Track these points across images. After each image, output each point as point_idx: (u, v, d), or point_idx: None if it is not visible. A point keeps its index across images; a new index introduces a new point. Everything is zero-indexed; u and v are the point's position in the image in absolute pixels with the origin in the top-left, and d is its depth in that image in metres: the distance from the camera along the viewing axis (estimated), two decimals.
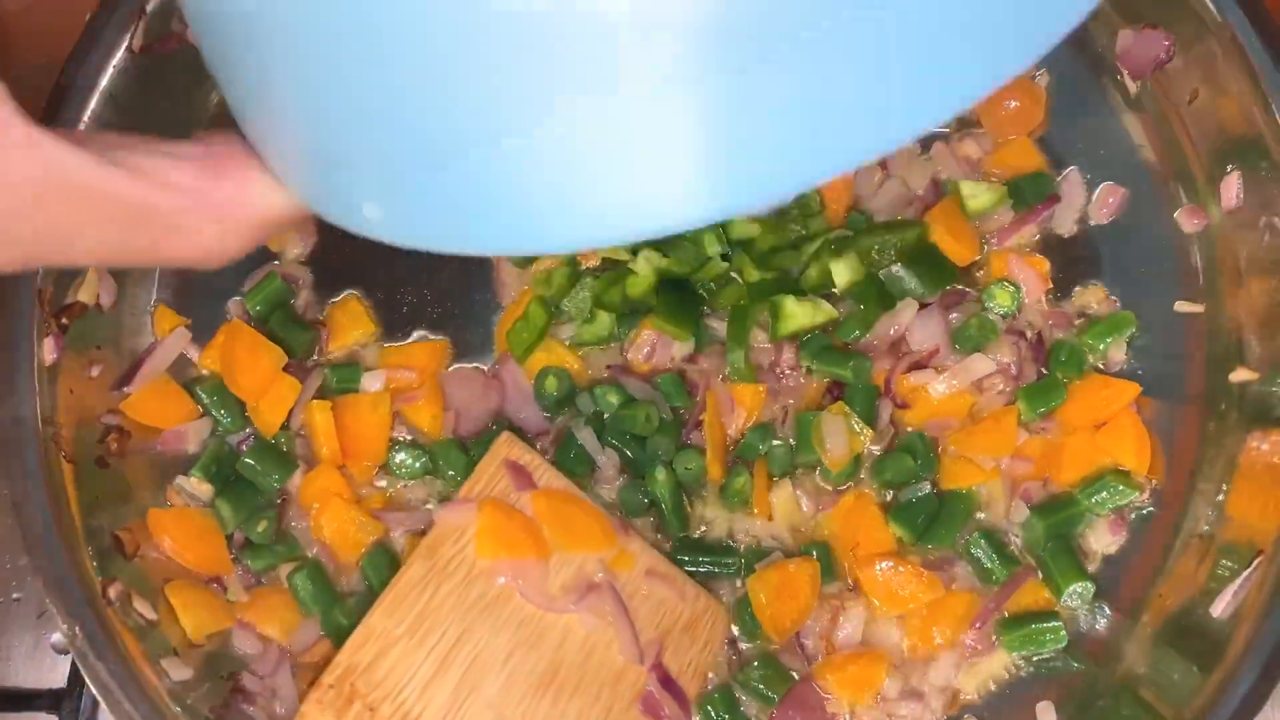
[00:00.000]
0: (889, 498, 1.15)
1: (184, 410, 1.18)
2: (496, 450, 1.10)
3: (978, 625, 1.13)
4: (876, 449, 1.16)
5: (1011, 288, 1.16)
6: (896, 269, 1.15)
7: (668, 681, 1.05)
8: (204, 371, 1.19)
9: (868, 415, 1.14)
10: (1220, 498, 1.13)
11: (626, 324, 1.17)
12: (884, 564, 1.11)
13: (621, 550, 1.08)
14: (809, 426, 1.14)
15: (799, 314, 1.14)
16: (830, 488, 1.15)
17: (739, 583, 1.14)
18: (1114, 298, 1.19)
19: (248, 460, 1.15)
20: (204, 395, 1.18)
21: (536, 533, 1.04)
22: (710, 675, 1.11)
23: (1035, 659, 1.13)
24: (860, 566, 1.12)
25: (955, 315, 1.16)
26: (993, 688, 1.14)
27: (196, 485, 1.16)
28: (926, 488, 1.14)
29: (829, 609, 1.13)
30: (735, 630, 1.14)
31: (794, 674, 1.13)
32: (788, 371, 1.17)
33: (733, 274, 1.17)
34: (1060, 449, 1.14)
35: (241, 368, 1.15)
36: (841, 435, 1.12)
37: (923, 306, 1.16)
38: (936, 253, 1.16)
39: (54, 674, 1.21)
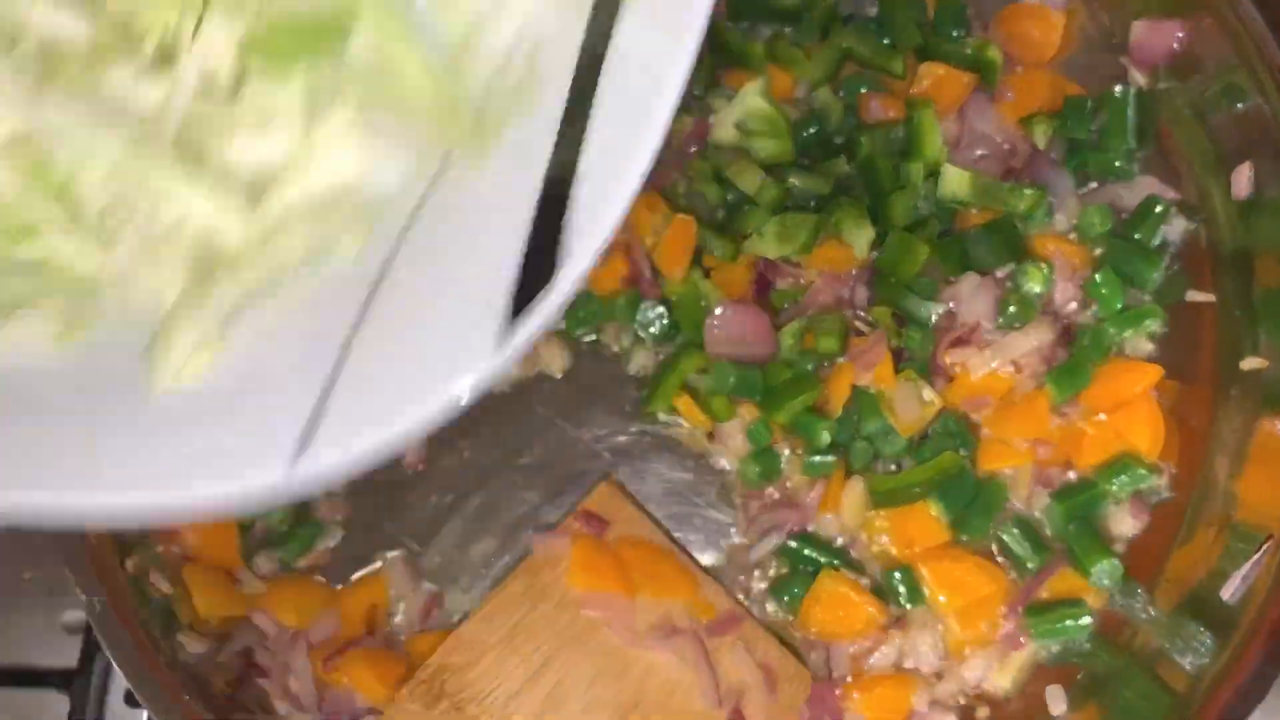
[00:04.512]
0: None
1: None
2: (593, 497, 1.15)
3: (1011, 616, 1.13)
4: None
5: (1045, 268, 1.17)
6: (978, 232, 1.17)
7: None
8: None
9: None
10: (1232, 481, 1.14)
11: None
12: (947, 559, 1.13)
13: (704, 600, 1.11)
14: (873, 398, 1.14)
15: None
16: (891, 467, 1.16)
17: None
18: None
19: None
20: None
21: (625, 572, 1.09)
22: None
23: (1062, 645, 1.14)
24: (924, 561, 1.13)
25: (998, 292, 1.18)
26: (1025, 674, 1.14)
27: None
28: (966, 466, 1.15)
29: (871, 640, 1.14)
30: (771, 595, 1.16)
31: (810, 663, 1.14)
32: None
33: None
34: (1081, 433, 1.15)
35: None
36: (913, 400, 1.13)
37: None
38: (1014, 225, 1.18)
39: (65, 653, 1.20)
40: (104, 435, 0.66)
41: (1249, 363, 1.15)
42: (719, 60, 1.25)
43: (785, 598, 1.14)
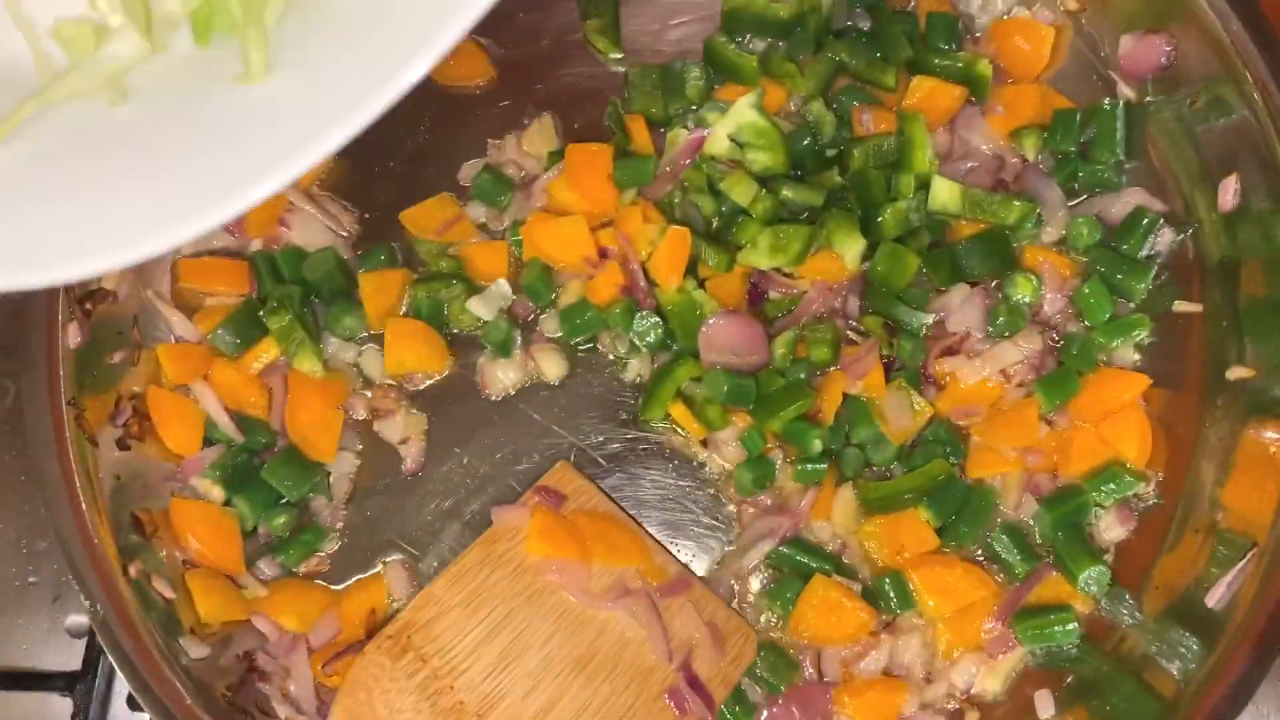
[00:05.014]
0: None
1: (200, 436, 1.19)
2: (551, 474, 1.19)
3: (1000, 621, 1.15)
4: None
5: (1035, 279, 1.19)
6: (968, 243, 1.20)
7: (695, 682, 1.12)
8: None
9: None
10: (1219, 489, 1.16)
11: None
12: (938, 565, 1.14)
13: (656, 565, 1.15)
14: (864, 405, 1.16)
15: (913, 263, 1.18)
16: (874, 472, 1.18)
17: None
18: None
19: (271, 469, 1.18)
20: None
21: (581, 540, 1.13)
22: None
23: (1049, 650, 1.15)
24: (914, 567, 1.15)
25: (988, 302, 1.20)
26: (1014, 679, 1.16)
27: (208, 488, 1.19)
28: (955, 473, 1.17)
29: (862, 645, 1.15)
30: (764, 601, 1.17)
31: (800, 665, 1.16)
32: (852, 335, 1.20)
33: None
34: (1069, 442, 1.17)
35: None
36: (905, 408, 1.15)
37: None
38: (1005, 237, 1.20)
39: (69, 656, 1.22)
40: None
41: (1235, 372, 1.17)
42: (714, 73, 1.27)
43: (778, 603, 1.16)
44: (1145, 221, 1.21)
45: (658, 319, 1.19)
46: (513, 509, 1.16)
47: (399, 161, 1.27)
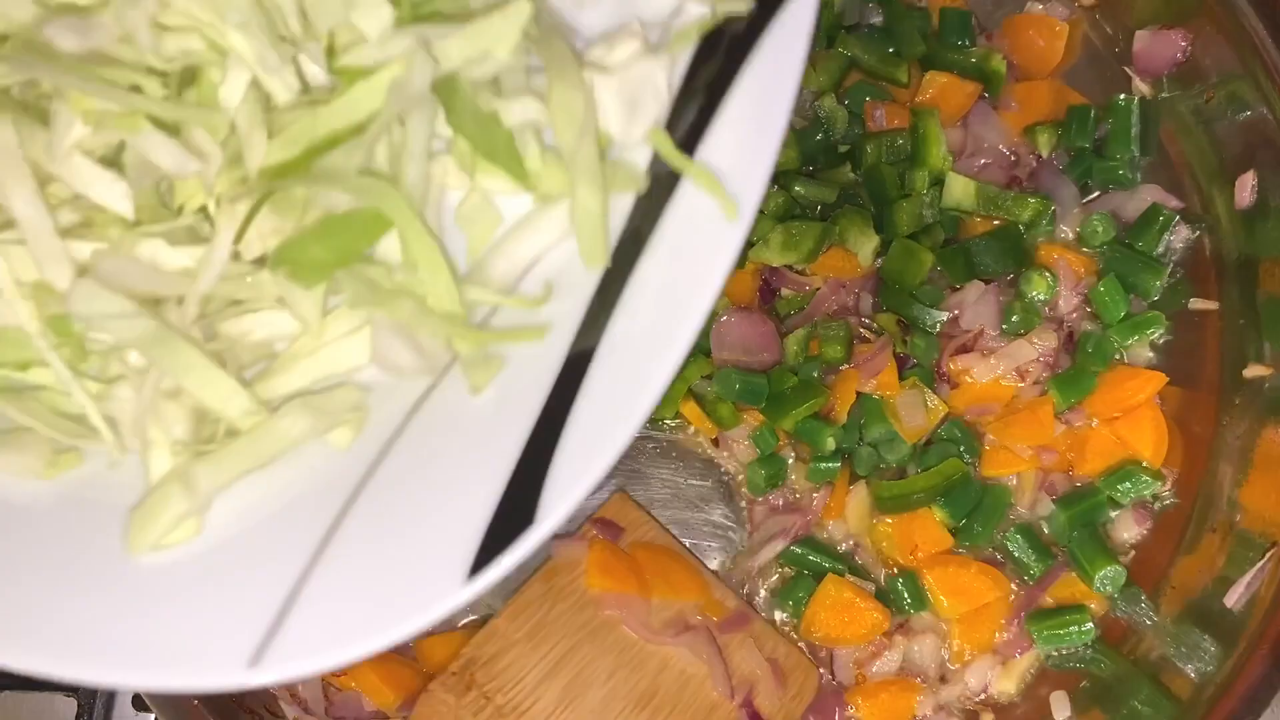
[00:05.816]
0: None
1: None
2: (608, 506, 1.18)
3: (1014, 621, 1.14)
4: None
5: (1050, 276, 1.18)
6: (982, 240, 1.19)
7: (756, 719, 1.10)
8: None
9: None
10: (1236, 488, 1.14)
11: None
12: (952, 565, 1.14)
13: (715, 600, 1.14)
14: (877, 404, 1.16)
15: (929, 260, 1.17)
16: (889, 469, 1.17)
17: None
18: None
19: None
20: None
21: (639, 574, 1.13)
22: None
23: (1064, 651, 1.14)
24: (928, 567, 1.14)
25: (1002, 299, 1.19)
26: (1029, 680, 1.15)
27: None
28: (969, 472, 1.16)
29: (875, 646, 1.15)
30: (776, 601, 1.17)
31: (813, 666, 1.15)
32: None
33: None
34: (1084, 440, 1.16)
35: None
36: (918, 407, 1.14)
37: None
38: (1019, 233, 1.20)
39: None
40: (78, 590, 0.67)
41: (1252, 370, 1.16)
42: None
43: (790, 602, 1.15)
44: (1160, 218, 1.20)
45: None
46: (571, 542, 1.15)
47: None
